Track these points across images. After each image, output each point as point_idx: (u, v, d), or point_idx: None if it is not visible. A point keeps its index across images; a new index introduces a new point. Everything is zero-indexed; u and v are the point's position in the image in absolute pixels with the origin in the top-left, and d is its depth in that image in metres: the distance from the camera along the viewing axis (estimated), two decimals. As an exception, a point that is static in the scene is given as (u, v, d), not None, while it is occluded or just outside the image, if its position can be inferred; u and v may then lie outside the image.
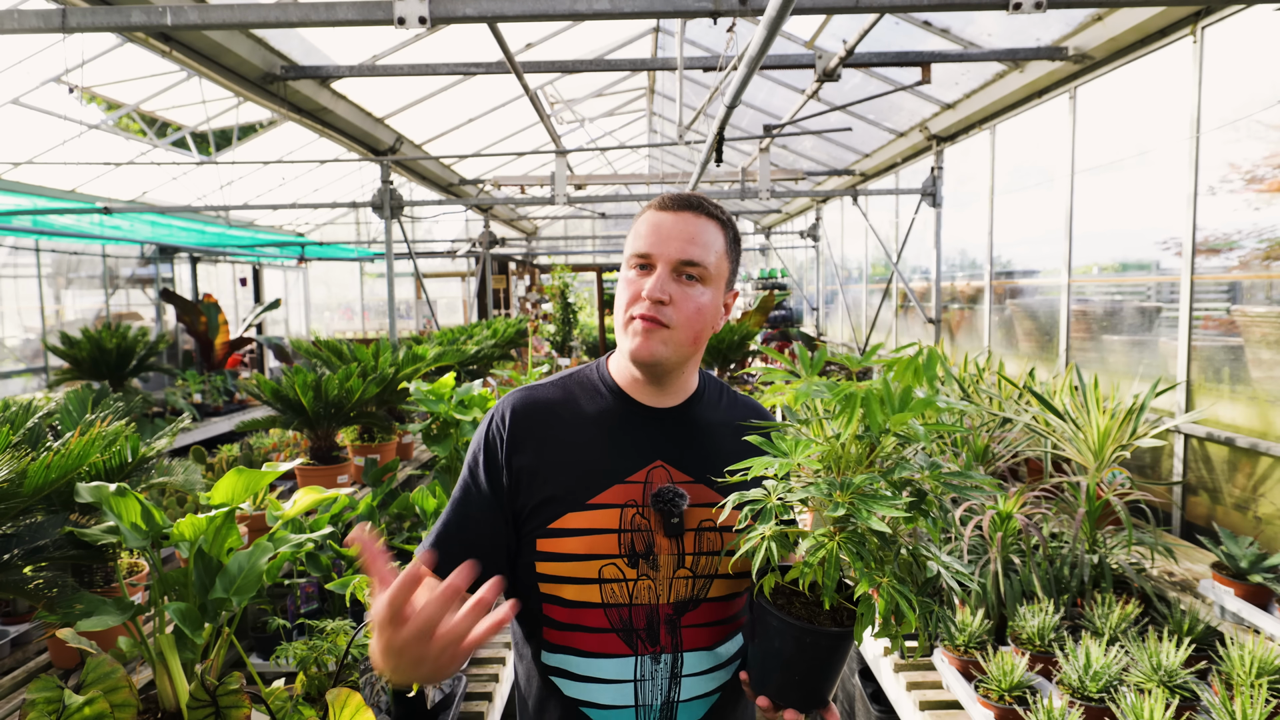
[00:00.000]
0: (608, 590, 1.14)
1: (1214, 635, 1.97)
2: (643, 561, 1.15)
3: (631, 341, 1.16)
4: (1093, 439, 2.47)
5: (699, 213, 1.19)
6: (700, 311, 1.17)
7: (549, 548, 1.15)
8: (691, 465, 1.21)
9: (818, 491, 0.97)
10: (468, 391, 3.45)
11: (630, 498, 1.17)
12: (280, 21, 2.66)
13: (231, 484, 1.65)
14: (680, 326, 1.15)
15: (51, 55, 4.88)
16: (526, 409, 1.22)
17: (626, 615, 1.14)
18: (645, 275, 1.17)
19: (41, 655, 2.10)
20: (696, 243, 1.17)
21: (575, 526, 1.15)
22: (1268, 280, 3.10)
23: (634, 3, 2.63)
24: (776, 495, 1.00)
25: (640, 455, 1.20)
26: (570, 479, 1.17)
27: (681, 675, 1.16)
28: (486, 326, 7.49)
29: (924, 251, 6.71)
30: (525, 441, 1.19)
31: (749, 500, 1.02)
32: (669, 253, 1.16)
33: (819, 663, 1.02)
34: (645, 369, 1.19)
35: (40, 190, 6.92)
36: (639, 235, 1.19)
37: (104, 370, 5.93)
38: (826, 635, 1.00)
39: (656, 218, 1.19)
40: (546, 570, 1.15)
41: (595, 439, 1.20)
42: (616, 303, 1.21)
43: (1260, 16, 3.14)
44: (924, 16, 4.49)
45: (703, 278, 1.17)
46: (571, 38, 6.35)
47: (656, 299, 1.14)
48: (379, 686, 2.07)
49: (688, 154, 10.05)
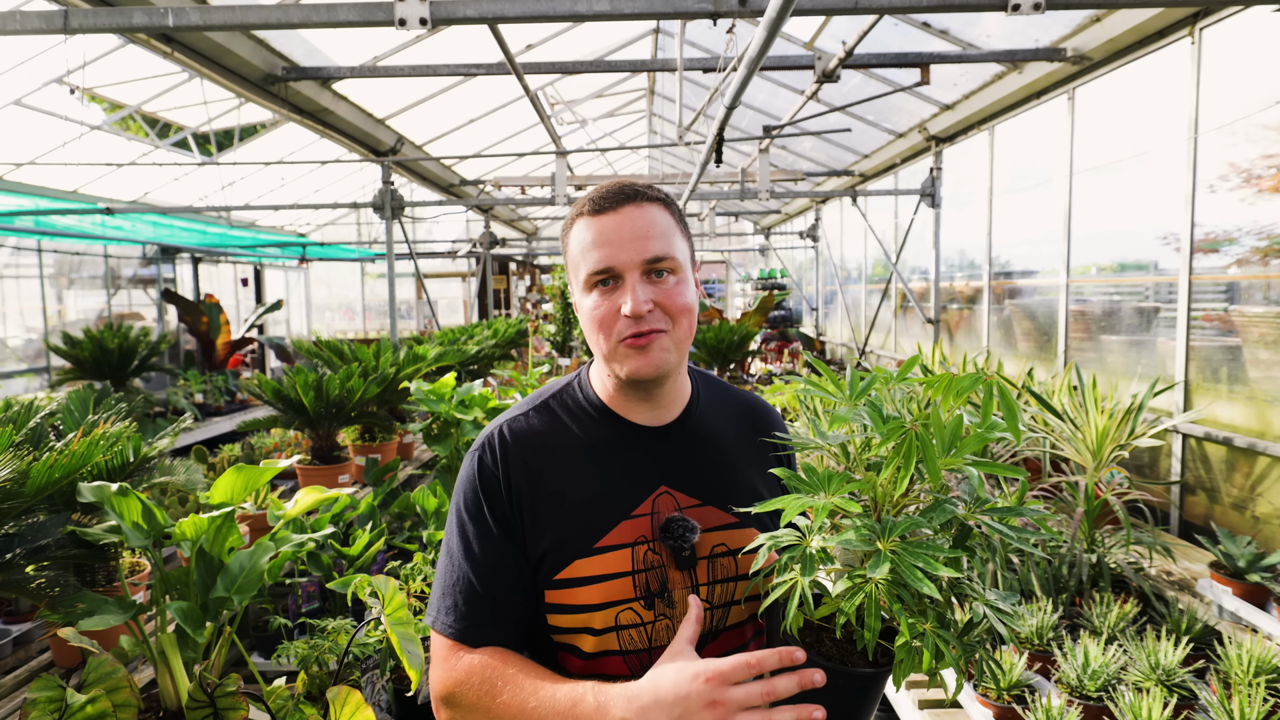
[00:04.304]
0: (625, 637, 1.04)
1: (1212, 634, 1.97)
2: (659, 601, 1.05)
3: (628, 365, 1.05)
4: (1091, 439, 2.48)
5: (640, 202, 1.06)
6: (687, 301, 1.06)
7: (560, 599, 1.04)
8: (698, 487, 1.11)
9: (857, 537, 0.87)
10: (468, 391, 3.46)
11: (640, 534, 1.06)
12: (281, 23, 2.67)
13: (231, 482, 1.66)
14: (676, 322, 1.06)
15: (53, 56, 4.90)
16: (517, 442, 1.09)
17: (647, 660, 1.03)
18: (612, 291, 1.04)
19: (44, 654, 2.10)
20: (654, 235, 1.04)
21: (586, 575, 1.04)
22: (1265, 280, 3.11)
23: (634, 4, 2.64)
24: (813, 539, 0.89)
25: (643, 484, 1.09)
26: (573, 522, 1.06)
27: None
28: (487, 327, 7.51)
29: (923, 252, 6.72)
30: (522, 479, 1.07)
31: (785, 547, 0.92)
32: (633, 257, 1.03)
33: (852, 704, 0.94)
34: (648, 385, 1.09)
35: (42, 191, 6.94)
36: (588, 249, 1.04)
37: (106, 370, 5.95)
38: (861, 677, 0.92)
39: (601, 224, 1.05)
40: (559, 623, 1.04)
41: (592, 472, 1.08)
42: (589, 328, 1.07)
43: (1258, 17, 3.14)
44: (923, 18, 4.49)
45: (674, 269, 1.05)
46: (572, 39, 6.36)
47: (640, 312, 1.01)
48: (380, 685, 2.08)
49: (687, 155, 10.06)
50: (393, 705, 2.15)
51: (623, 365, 1.05)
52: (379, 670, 2.12)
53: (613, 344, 1.05)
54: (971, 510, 0.90)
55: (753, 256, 15.32)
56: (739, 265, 16.49)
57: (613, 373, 1.08)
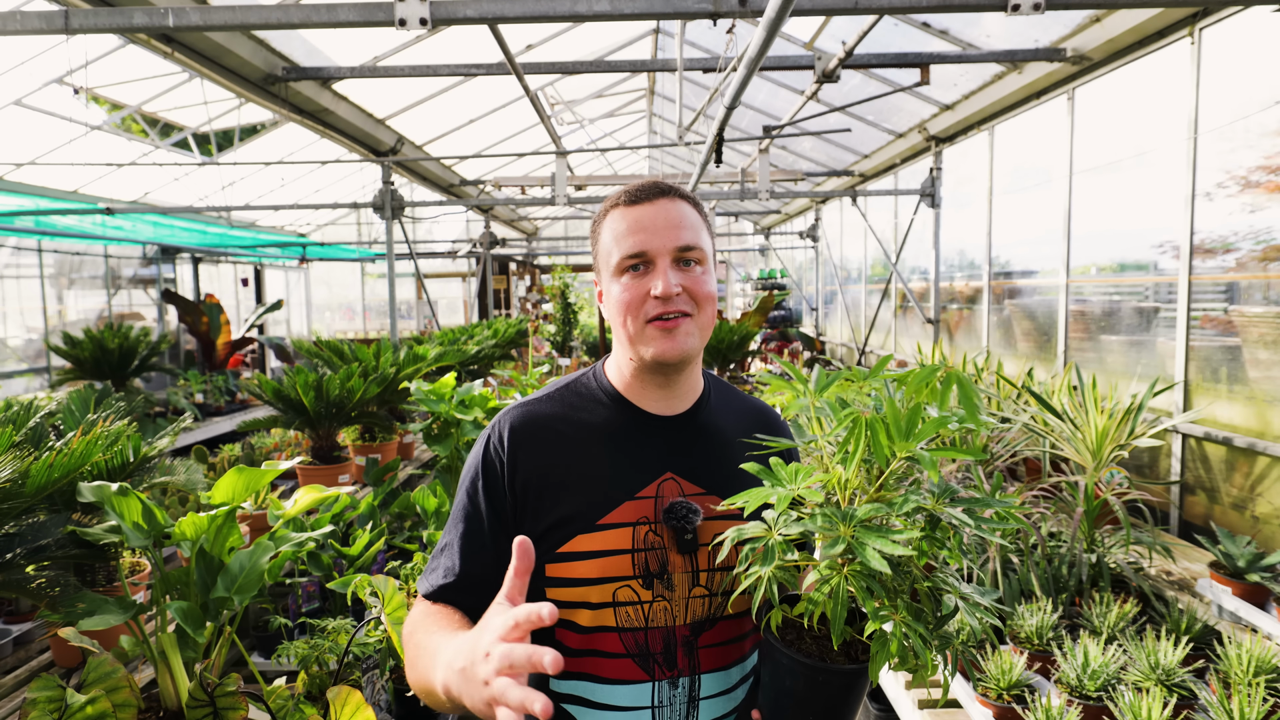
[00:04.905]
0: (622, 614, 1.08)
1: (1212, 634, 1.97)
2: (658, 582, 1.10)
3: (654, 346, 1.09)
4: (1091, 439, 2.48)
5: (673, 197, 1.14)
6: (711, 290, 1.13)
7: (559, 573, 1.09)
8: (703, 476, 1.15)
9: (815, 525, 0.89)
10: (468, 391, 3.46)
11: (642, 515, 1.11)
12: (281, 23, 2.67)
13: (232, 483, 1.66)
14: (701, 309, 1.11)
15: (54, 56, 4.90)
16: (526, 427, 1.14)
17: (642, 639, 1.09)
18: (643, 275, 1.10)
19: (44, 654, 2.10)
20: (686, 226, 1.11)
21: (587, 549, 1.09)
22: (1265, 280, 3.11)
23: (634, 4, 2.64)
24: (778, 530, 0.92)
25: (649, 468, 1.14)
26: (578, 499, 1.11)
27: (700, 699, 1.11)
28: (487, 327, 7.51)
29: (923, 252, 6.72)
30: (527, 462, 1.12)
31: (747, 539, 0.94)
32: (665, 244, 1.09)
33: (834, 701, 0.95)
34: (671, 368, 1.13)
35: (43, 191, 6.94)
36: (622, 236, 1.11)
37: (106, 370, 5.95)
38: (840, 673, 0.94)
39: (636, 213, 1.11)
40: (558, 596, 1.08)
41: (601, 454, 1.14)
42: (616, 312, 1.12)
43: (1258, 18, 3.14)
44: (923, 18, 4.50)
45: (700, 260, 1.12)
46: (572, 39, 6.36)
47: (670, 294, 1.08)
48: (380, 685, 2.08)
49: (687, 155, 10.07)
50: (393, 705, 2.16)
51: (649, 347, 1.10)
52: (379, 670, 2.12)
53: (639, 325, 1.10)
54: (938, 500, 0.91)
55: (753, 256, 15.33)
56: (739, 265, 16.50)
57: (637, 355, 1.13)
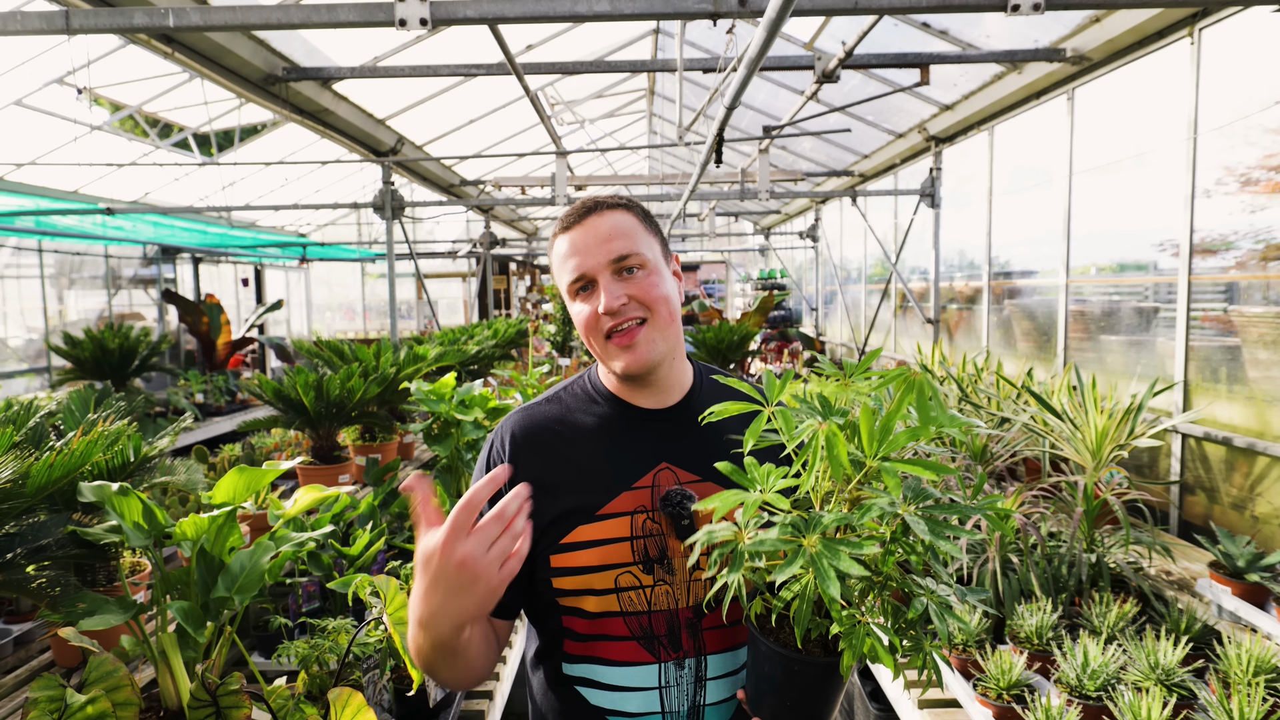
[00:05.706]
0: (625, 598, 1.14)
1: (1211, 634, 1.97)
2: (658, 567, 1.15)
3: (620, 360, 1.15)
4: (1090, 439, 2.48)
5: (602, 211, 1.17)
6: (662, 291, 1.16)
7: (563, 563, 1.14)
8: (697, 463, 1.20)
9: (781, 533, 0.89)
10: (468, 391, 3.46)
11: (639, 503, 1.16)
12: (282, 23, 2.67)
13: (233, 483, 1.66)
14: (654, 311, 1.15)
15: (54, 57, 4.90)
16: (525, 430, 1.21)
17: (646, 622, 1.14)
18: (591, 295, 1.16)
19: (44, 654, 2.10)
20: (618, 236, 1.15)
21: (587, 539, 1.14)
22: (1265, 280, 3.11)
23: (634, 4, 2.64)
24: (747, 533, 0.93)
25: (644, 459, 1.19)
26: (577, 493, 1.16)
27: (706, 679, 1.15)
28: (487, 327, 7.51)
29: (923, 252, 6.72)
30: (528, 463, 1.17)
31: (717, 545, 0.94)
32: (600, 260, 1.14)
33: (811, 691, 0.99)
34: (642, 376, 1.18)
35: (43, 191, 6.94)
36: (564, 263, 1.17)
37: (106, 370, 5.94)
38: (815, 665, 0.97)
39: (571, 237, 1.17)
40: (563, 585, 1.14)
41: (598, 449, 1.19)
42: (581, 333, 1.19)
43: (1258, 18, 3.15)
44: (923, 18, 4.50)
45: (641, 264, 1.15)
46: (572, 39, 6.36)
47: (614, 309, 1.12)
48: (380, 685, 2.08)
49: (687, 155, 10.06)
50: (394, 705, 2.16)
51: (616, 361, 1.17)
52: (380, 670, 2.12)
53: (602, 342, 1.17)
54: (907, 503, 0.90)
55: (753, 256, 15.33)
56: (739, 265, 16.49)
57: (610, 370, 1.20)
